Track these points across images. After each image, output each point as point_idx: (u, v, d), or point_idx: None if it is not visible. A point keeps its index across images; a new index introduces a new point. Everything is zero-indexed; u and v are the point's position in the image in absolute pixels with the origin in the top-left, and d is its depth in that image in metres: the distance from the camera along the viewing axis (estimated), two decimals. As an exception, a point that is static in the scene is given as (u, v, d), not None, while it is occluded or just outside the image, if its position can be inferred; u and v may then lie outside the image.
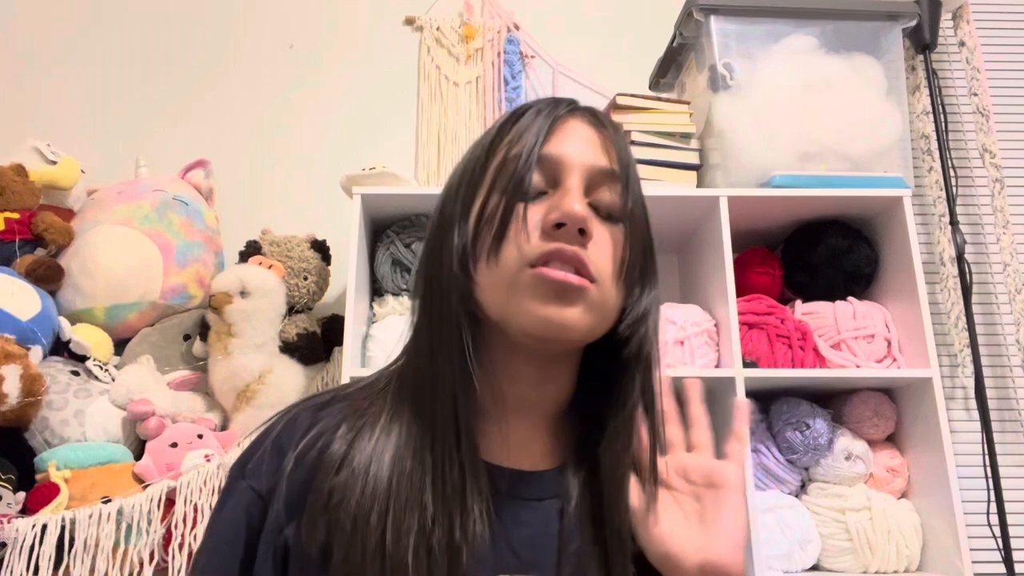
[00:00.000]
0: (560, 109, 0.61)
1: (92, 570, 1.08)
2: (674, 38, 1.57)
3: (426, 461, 0.55)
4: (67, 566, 1.07)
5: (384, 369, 0.64)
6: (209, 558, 0.56)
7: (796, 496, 1.34)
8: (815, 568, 1.30)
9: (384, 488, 0.53)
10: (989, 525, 1.47)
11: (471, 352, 0.56)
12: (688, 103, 1.48)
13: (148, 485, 1.17)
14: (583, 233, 0.56)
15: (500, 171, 0.59)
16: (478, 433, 0.58)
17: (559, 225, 0.55)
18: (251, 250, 1.45)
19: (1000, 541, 1.45)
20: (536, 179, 0.58)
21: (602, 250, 0.58)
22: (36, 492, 1.14)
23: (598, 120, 0.62)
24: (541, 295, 0.55)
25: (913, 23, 1.54)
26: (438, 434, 0.56)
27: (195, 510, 1.14)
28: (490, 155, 0.61)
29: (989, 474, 1.48)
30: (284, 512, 0.55)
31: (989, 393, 1.59)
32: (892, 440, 1.40)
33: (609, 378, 0.61)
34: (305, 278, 1.46)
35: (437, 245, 0.61)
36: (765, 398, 1.39)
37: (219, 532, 0.57)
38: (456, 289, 0.58)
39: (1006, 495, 1.47)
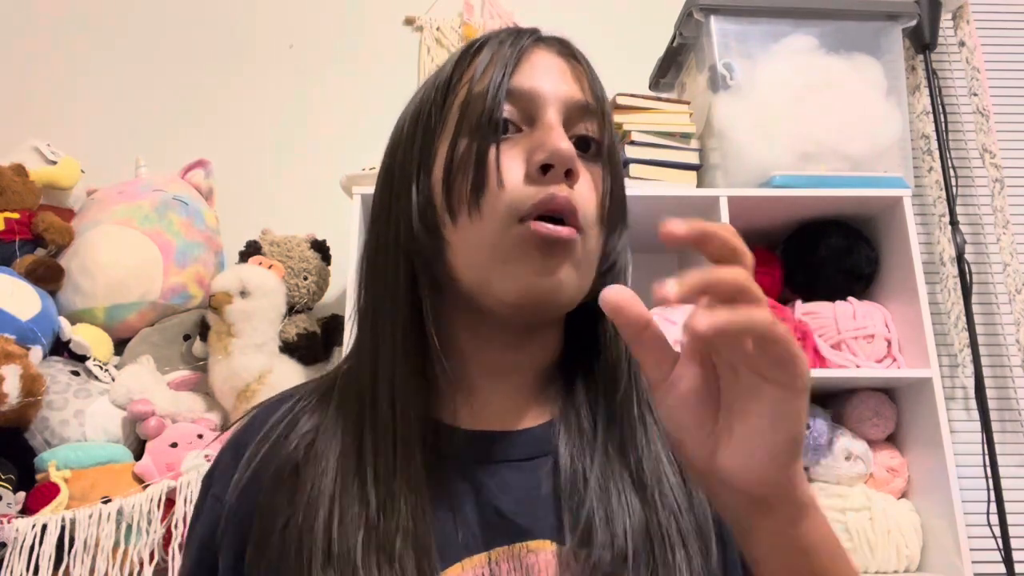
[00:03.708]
0: (525, 38, 0.55)
1: (92, 570, 1.08)
2: (674, 38, 1.57)
3: (366, 454, 0.50)
4: (67, 566, 1.07)
5: (340, 364, 0.59)
6: None
7: (796, 496, 1.34)
8: (815, 568, 1.30)
9: (329, 491, 0.48)
10: (989, 525, 1.47)
11: (431, 325, 0.51)
12: (688, 103, 1.48)
13: (148, 485, 1.17)
14: (570, 174, 0.50)
15: (465, 110, 0.51)
16: (455, 402, 0.53)
17: (545, 167, 0.49)
18: (251, 250, 1.45)
19: (1000, 541, 1.45)
20: (508, 113, 0.51)
21: (587, 191, 0.52)
22: (36, 492, 1.14)
23: (567, 49, 0.56)
24: (528, 254, 0.48)
25: (913, 23, 1.53)
26: (380, 422, 0.50)
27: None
28: (449, 94, 0.53)
29: (989, 474, 1.48)
30: (233, 523, 0.51)
31: (989, 393, 1.59)
32: (892, 440, 1.39)
33: (588, 326, 0.56)
34: (305, 278, 1.46)
35: (389, 204, 0.54)
36: (765, 398, 1.39)
37: (194, 556, 0.54)
38: (419, 253, 0.51)
39: (1006, 495, 1.47)
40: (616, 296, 0.39)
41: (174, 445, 1.23)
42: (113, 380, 1.30)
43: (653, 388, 0.41)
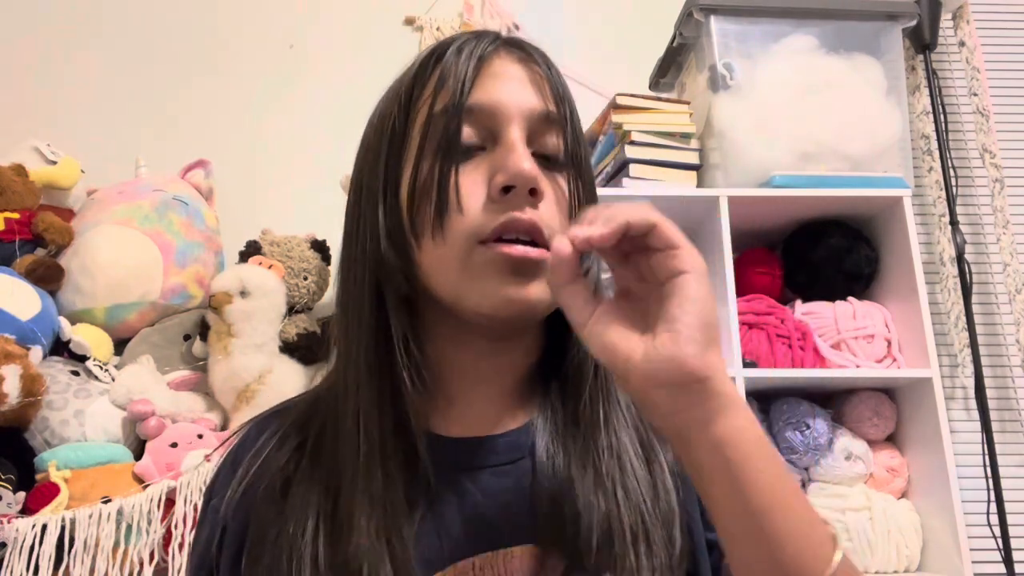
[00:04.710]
0: (484, 45, 0.53)
1: (92, 570, 1.08)
2: (674, 38, 1.57)
3: (346, 470, 0.51)
4: (67, 566, 1.07)
5: (327, 376, 0.60)
6: None
7: (796, 496, 1.34)
8: (815, 568, 1.30)
9: (315, 506, 0.51)
10: (989, 525, 1.47)
11: (409, 341, 0.52)
12: (688, 103, 1.48)
13: (148, 485, 1.17)
14: (534, 193, 0.50)
15: (426, 132, 0.51)
16: (434, 410, 0.54)
17: (507, 188, 0.49)
18: (251, 250, 1.45)
19: (1000, 541, 1.45)
20: (468, 133, 0.51)
21: (552, 206, 0.52)
22: (36, 492, 1.14)
23: (527, 54, 0.55)
24: (499, 273, 0.49)
25: (913, 23, 1.54)
26: (349, 439, 0.52)
27: (195, 510, 1.14)
28: (411, 110, 0.53)
29: (989, 474, 1.48)
30: (230, 534, 0.53)
31: (989, 393, 1.59)
32: (892, 440, 1.40)
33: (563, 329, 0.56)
34: (305, 278, 1.46)
35: (358, 221, 0.54)
36: (765, 398, 1.39)
37: (196, 565, 0.56)
38: (389, 271, 0.52)
39: (1006, 495, 1.47)
40: (560, 246, 0.44)
41: (174, 445, 1.23)
42: (113, 380, 1.30)
43: (581, 328, 0.45)
